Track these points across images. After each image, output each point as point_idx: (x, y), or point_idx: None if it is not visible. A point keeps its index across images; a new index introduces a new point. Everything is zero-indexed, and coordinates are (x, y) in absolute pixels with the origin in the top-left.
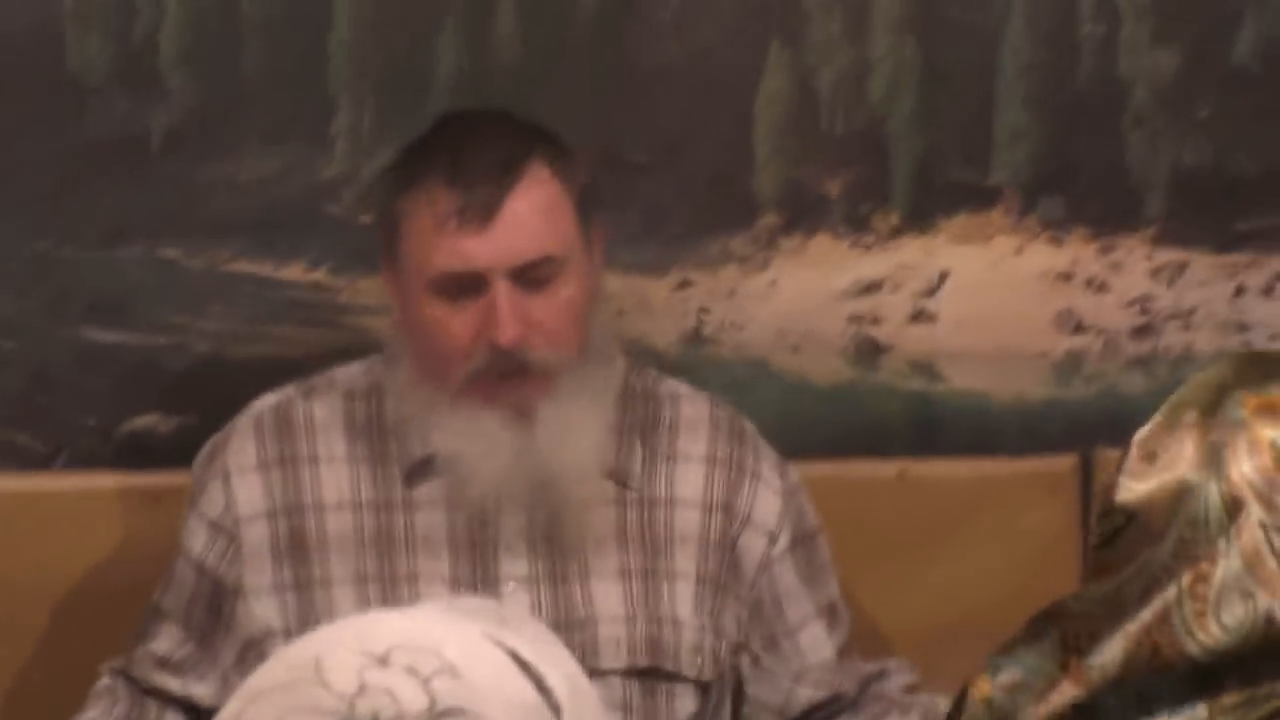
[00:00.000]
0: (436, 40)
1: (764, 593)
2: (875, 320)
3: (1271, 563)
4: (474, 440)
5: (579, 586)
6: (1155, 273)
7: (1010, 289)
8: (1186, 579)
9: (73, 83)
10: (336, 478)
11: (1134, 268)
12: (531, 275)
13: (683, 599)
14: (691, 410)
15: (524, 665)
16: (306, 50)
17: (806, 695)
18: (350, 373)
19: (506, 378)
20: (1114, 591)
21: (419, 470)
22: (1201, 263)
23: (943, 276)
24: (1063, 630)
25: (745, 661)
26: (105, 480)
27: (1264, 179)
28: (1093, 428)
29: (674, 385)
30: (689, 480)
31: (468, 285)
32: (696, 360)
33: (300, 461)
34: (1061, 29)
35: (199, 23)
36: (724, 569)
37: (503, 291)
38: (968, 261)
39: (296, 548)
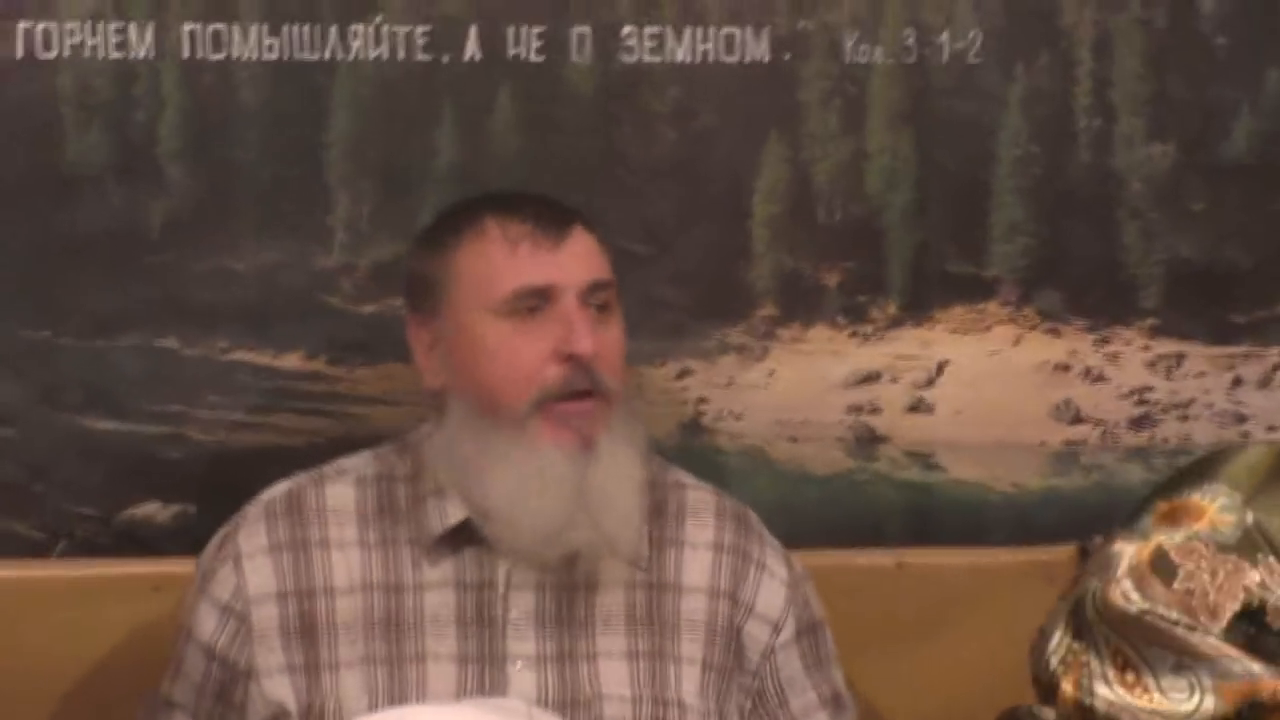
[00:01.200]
0: (434, 132)
1: (767, 681)
2: (873, 410)
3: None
4: (532, 478)
5: (586, 666)
6: (1152, 364)
7: (1008, 380)
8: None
9: (70, 172)
10: (347, 562)
11: (1131, 359)
12: (596, 299)
13: (689, 683)
14: (698, 498)
15: None
16: (305, 141)
17: None
18: (358, 461)
19: (577, 399)
20: None
21: (443, 543)
22: (1198, 354)
23: (940, 367)
24: None
25: None
26: (104, 568)
27: (1258, 271)
28: (1090, 518)
29: (680, 474)
30: (696, 567)
31: (538, 305)
32: (695, 449)
33: (311, 545)
34: (1057, 123)
35: (197, 114)
36: (729, 656)
37: (576, 306)
38: (965, 352)
39: (306, 630)
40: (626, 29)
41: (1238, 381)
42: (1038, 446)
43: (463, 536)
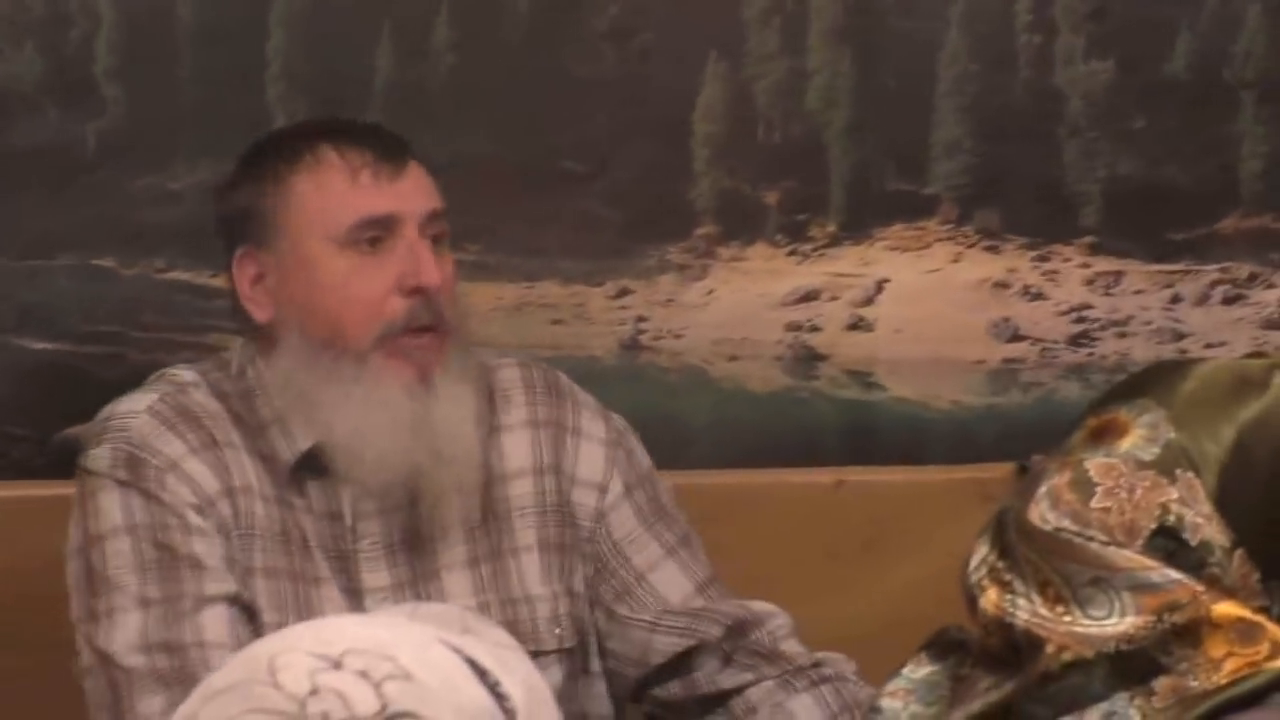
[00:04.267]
0: (372, 50)
1: (603, 544)
2: (813, 329)
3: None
4: (375, 411)
5: (432, 585)
6: (1091, 282)
7: (946, 298)
8: None
9: (3, 93)
10: (242, 465)
11: (1070, 277)
12: (433, 229)
13: (530, 573)
14: (506, 377)
15: (481, 671)
16: (242, 60)
17: (664, 643)
18: (192, 375)
19: (419, 333)
20: None
21: (304, 466)
22: (1136, 272)
23: (880, 285)
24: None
25: (601, 617)
26: (38, 489)
27: (1197, 189)
28: (1029, 436)
29: (485, 354)
30: (516, 450)
31: (380, 236)
32: (634, 368)
33: (219, 446)
34: (997, 41)
35: (134, 32)
36: (564, 531)
37: (417, 236)
38: (904, 270)
39: (239, 531)
40: None
41: (1175, 299)
42: (976, 364)
43: (306, 466)
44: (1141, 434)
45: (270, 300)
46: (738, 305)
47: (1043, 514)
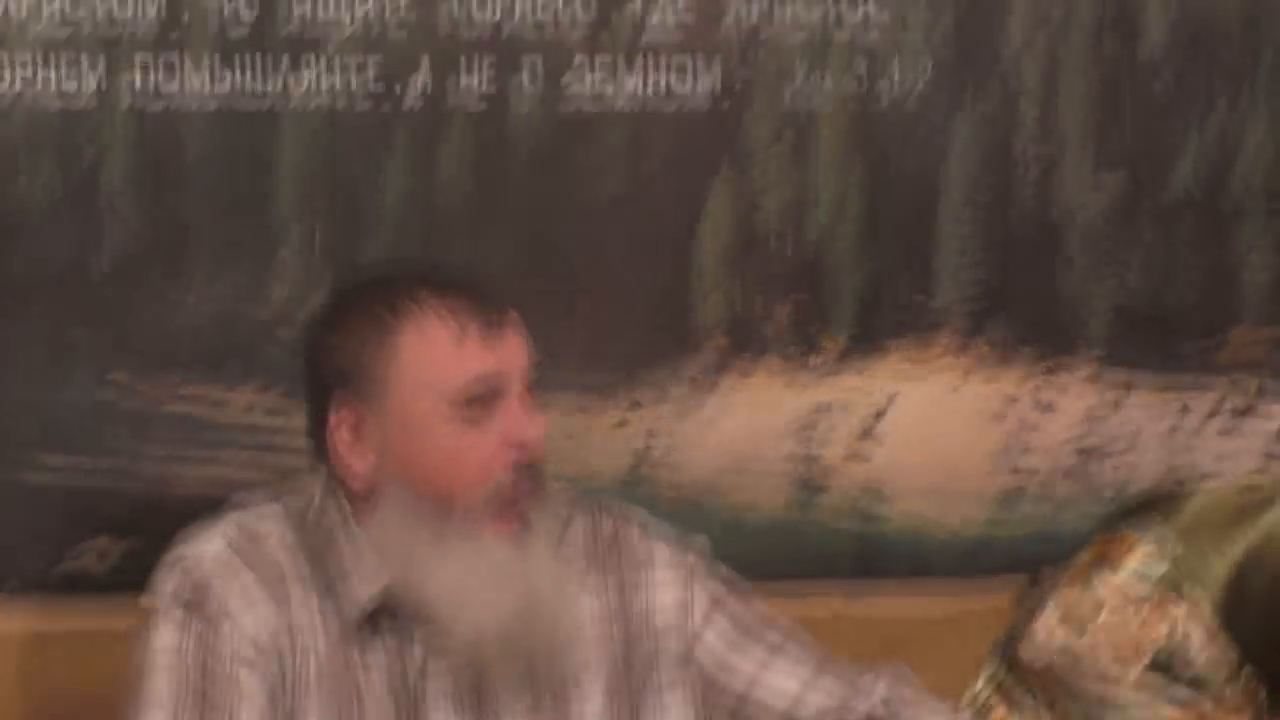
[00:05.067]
0: (384, 167)
1: (706, 663)
2: (822, 443)
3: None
4: (478, 568)
5: None
6: (1098, 399)
7: (955, 414)
8: None
9: (19, 209)
10: (309, 613)
11: (1077, 394)
12: (533, 385)
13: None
14: (576, 529)
15: None
16: (256, 175)
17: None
18: (274, 511)
19: (522, 496)
20: None
21: (380, 612)
22: (1143, 389)
23: (889, 401)
24: None
25: None
26: (52, 608)
27: (1204, 306)
28: (1038, 554)
29: (558, 497)
30: (583, 605)
31: (488, 395)
32: (643, 484)
33: (288, 593)
34: (1003, 155)
35: (147, 148)
36: (641, 674)
37: (522, 392)
38: (913, 386)
39: (292, 681)
40: (571, 72)
41: (1183, 413)
42: (983, 481)
43: (382, 612)
44: (1148, 551)
45: (370, 451)
46: (747, 421)
47: (1051, 632)
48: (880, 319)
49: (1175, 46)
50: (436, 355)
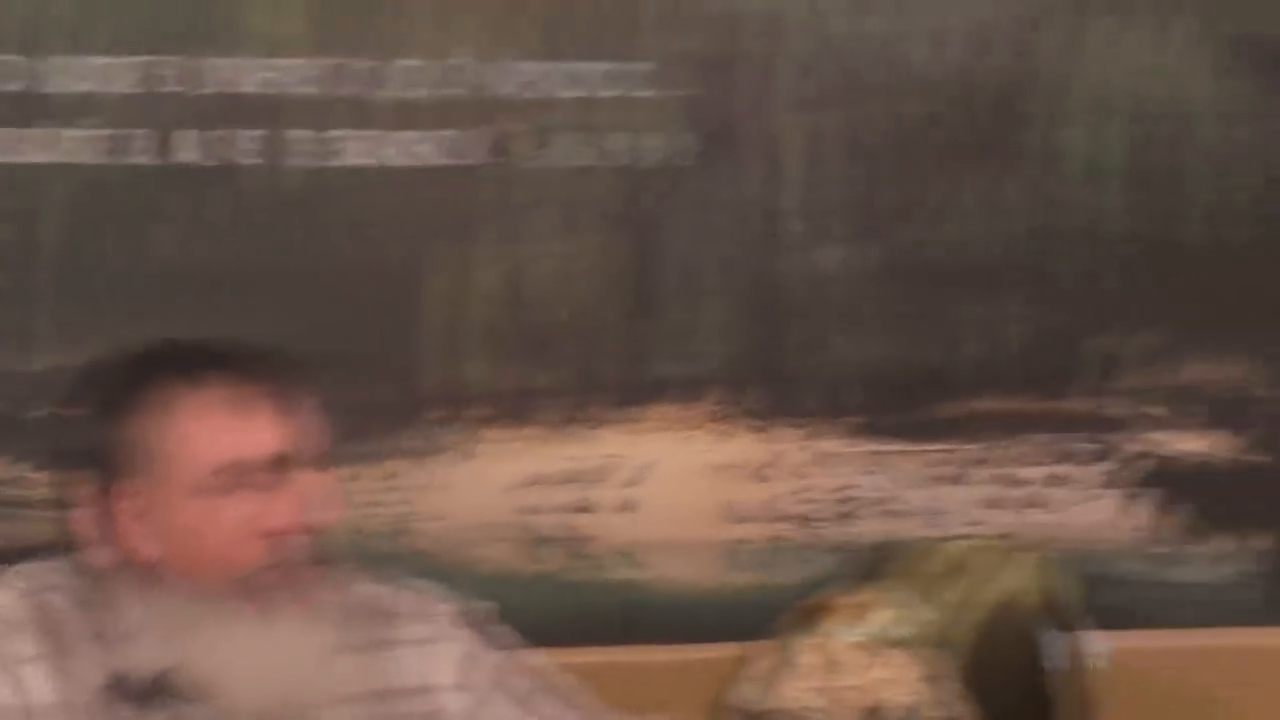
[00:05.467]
0: (145, 236)
1: None
2: (580, 509)
3: None
4: (241, 652)
5: None
6: (855, 461)
7: (713, 478)
8: None
9: None
10: (86, 678)
11: (835, 457)
12: (310, 460)
13: None
14: (321, 603)
15: None
16: (11, 245)
17: None
18: (58, 578)
19: (284, 575)
20: None
21: (157, 688)
22: (898, 451)
23: (647, 467)
24: None
25: None
26: None
27: (957, 370)
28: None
29: (338, 572)
30: (341, 678)
31: (264, 473)
32: (400, 551)
33: (68, 655)
34: (762, 224)
35: None
36: None
37: (296, 474)
38: (672, 451)
39: None
40: (299, 134)
41: (936, 478)
42: (742, 544)
43: (159, 689)
44: (889, 613)
45: (150, 532)
46: (501, 484)
47: (795, 690)
48: (643, 384)
49: (935, 117)
50: (212, 433)
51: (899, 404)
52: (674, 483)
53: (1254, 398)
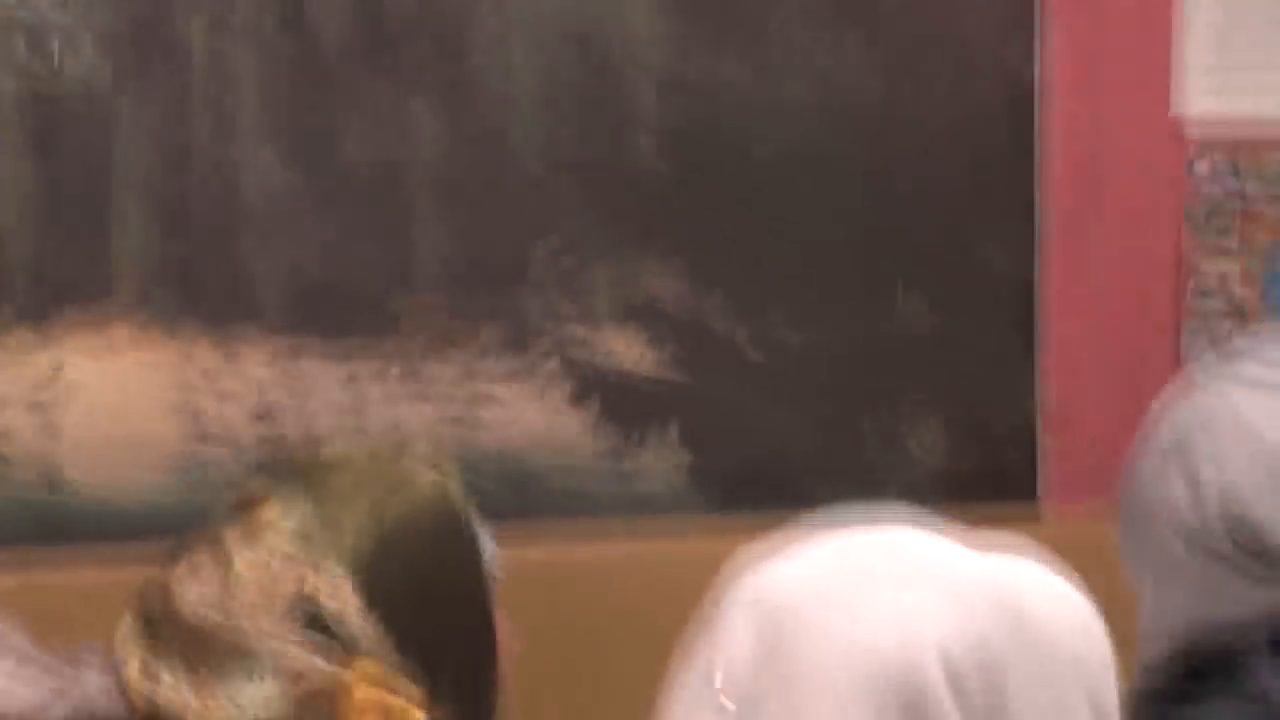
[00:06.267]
0: None
1: None
2: None
3: None
4: None
5: None
6: (273, 366)
7: (129, 384)
8: None
9: None
10: None
11: (252, 362)
12: None
13: None
14: None
15: None
16: None
17: None
18: None
19: None
20: None
21: None
22: (317, 354)
23: (60, 374)
24: None
25: None
26: None
27: (376, 279)
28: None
29: None
30: None
31: None
32: None
33: None
34: (179, 133)
35: None
36: None
37: None
38: (88, 360)
39: None
40: None
41: (353, 379)
42: (160, 450)
43: None
44: (284, 522)
45: None
46: None
47: (188, 598)
48: (58, 297)
49: (355, 30)
50: None
51: (322, 314)
52: (91, 393)
53: (679, 312)
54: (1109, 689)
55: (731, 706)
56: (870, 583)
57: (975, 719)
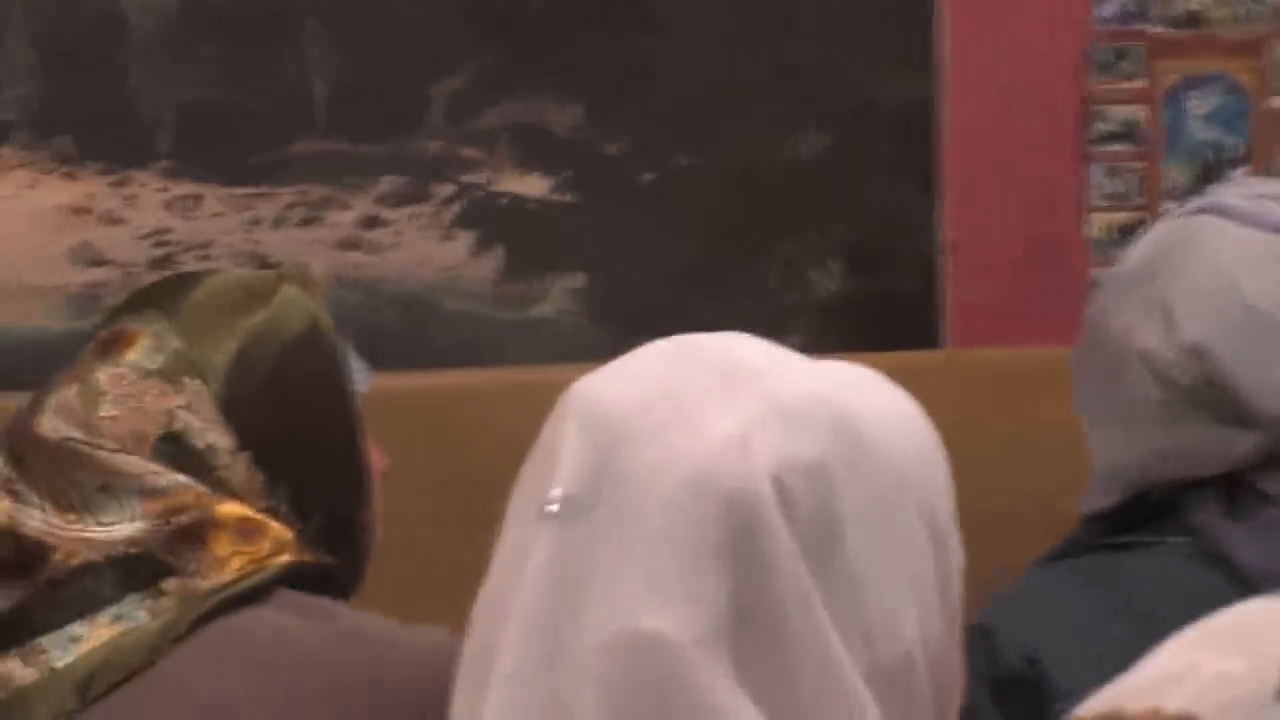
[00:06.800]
0: None
1: None
2: None
3: None
4: None
5: None
6: (170, 206)
7: (24, 224)
8: None
9: None
10: None
11: (148, 202)
12: None
13: None
14: None
15: None
16: None
17: None
18: None
19: None
20: None
21: None
22: (215, 196)
23: None
24: None
25: None
26: None
27: (271, 113)
28: None
29: None
30: None
31: None
32: None
33: None
34: None
35: None
36: None
37: None
38: None
39: None
40: None
41: (254, 222)
42: (58, 289)
43: None
44: (148, 344)
45: None
46: None
47: (52, 424)
48: None
49: None
50: None
51: (214, 148)
52: None
53: (566, 139)
54: (945, 512)
55: (555, 509)
56: (709, 397)
57: (807, 540)
